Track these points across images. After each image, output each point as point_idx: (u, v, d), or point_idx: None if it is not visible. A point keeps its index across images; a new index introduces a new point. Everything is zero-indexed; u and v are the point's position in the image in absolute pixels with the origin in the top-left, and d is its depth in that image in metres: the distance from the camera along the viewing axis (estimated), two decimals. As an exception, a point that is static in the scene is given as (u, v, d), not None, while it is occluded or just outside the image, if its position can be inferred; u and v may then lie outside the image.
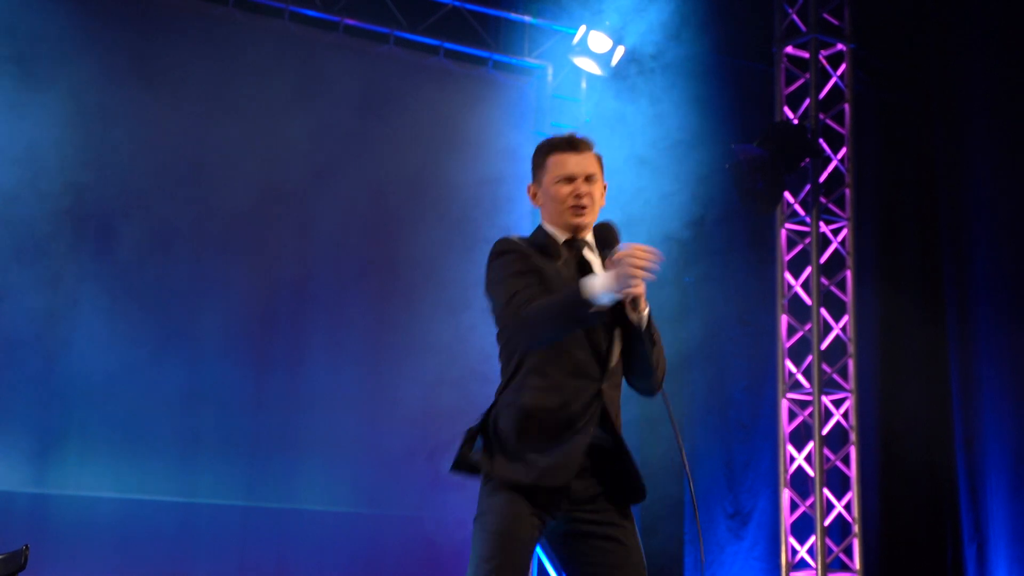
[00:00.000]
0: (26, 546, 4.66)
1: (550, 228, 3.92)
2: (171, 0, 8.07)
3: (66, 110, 7.49)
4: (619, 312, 3.73)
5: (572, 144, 3.90)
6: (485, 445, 3.76)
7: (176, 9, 8.07)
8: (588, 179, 3.86)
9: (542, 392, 3.73)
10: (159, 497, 7.51)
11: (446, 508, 8.23)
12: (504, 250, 3.88)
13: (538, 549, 3.89)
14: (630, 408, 9.36)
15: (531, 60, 9.25)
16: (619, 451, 3.80)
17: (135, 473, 7.49)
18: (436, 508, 8.09)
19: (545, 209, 3.93)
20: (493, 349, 3.96)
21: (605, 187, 3.94)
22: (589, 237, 3.91)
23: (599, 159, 3.93)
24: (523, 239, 3.91)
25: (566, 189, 3.84)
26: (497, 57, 9.11)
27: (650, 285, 3.62)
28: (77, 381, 7.36)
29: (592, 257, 3.88)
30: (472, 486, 3.79)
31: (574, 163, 3.86)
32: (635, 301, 3.66)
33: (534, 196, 3.98)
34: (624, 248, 3.59)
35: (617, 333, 3.79)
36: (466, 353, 8.07)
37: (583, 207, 3.84)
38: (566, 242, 3.88)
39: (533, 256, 3.82)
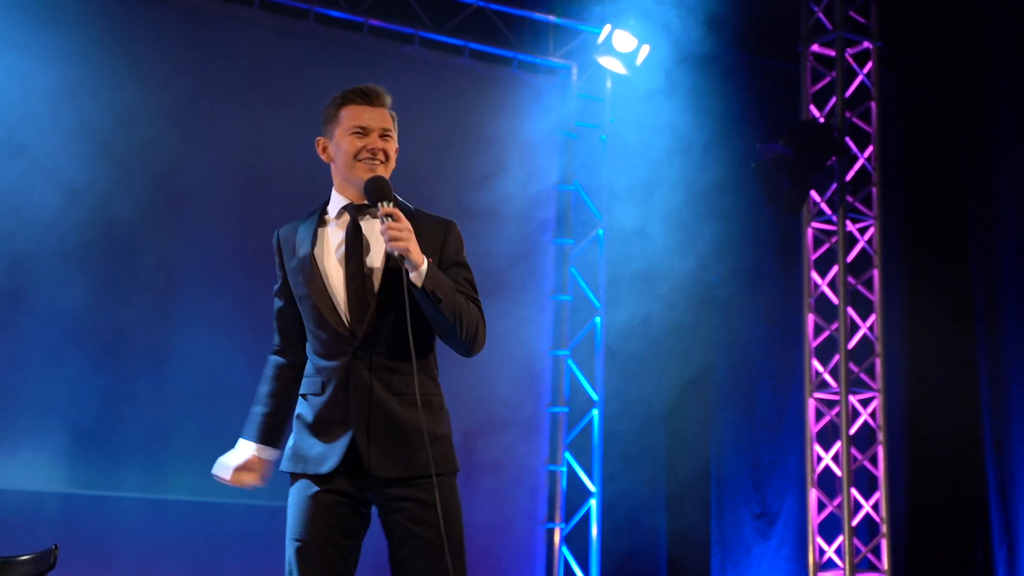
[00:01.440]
0: (55, 546, 4.68)
1: (333, 194, 3.72)
2: (196, 2, 8.09)
3: (94, 112, 7.53)
4: (388, 278, 3.56)
5: (368, 95, 3.71)
6: None
7: (201, 11, 8.09)
8: (383, 135, 3.68)
9: (308, 379, 3.64)
10: (187, 497, 7.53)
11: (472, 505, 8.23)
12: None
13: (564, 551, 3.81)
14: (655, 406, 9.24)
15: (556, 60, 9.24)
16: (393, 424, 3.53)
17: (163, 473, 7.51)
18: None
19: (335, 166, 3.71)
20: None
21: (397, 149, 3.76)
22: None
23: (394, 118, 3.75)
24: (292, 224, 3.76)
25: (359, 142, 3.64)
26: (522, 57, 9.11)
27: (676, 286, 3.59)
28: (106, 382, 7.39)
29: (368, 224, 3.65)
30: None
31: (369, 115, 3.68)
32: (407, 261, 3.44)
33: (323, 150, 3.75)
34: (389, 212, 3.45)
35: (374, 298, 3.55)
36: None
37: (376, 161, 3.64)
38: (345, 207, 3.67)
39: (281, 245, 3.72)
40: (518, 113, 8.99)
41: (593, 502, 8.74)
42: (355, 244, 3.61)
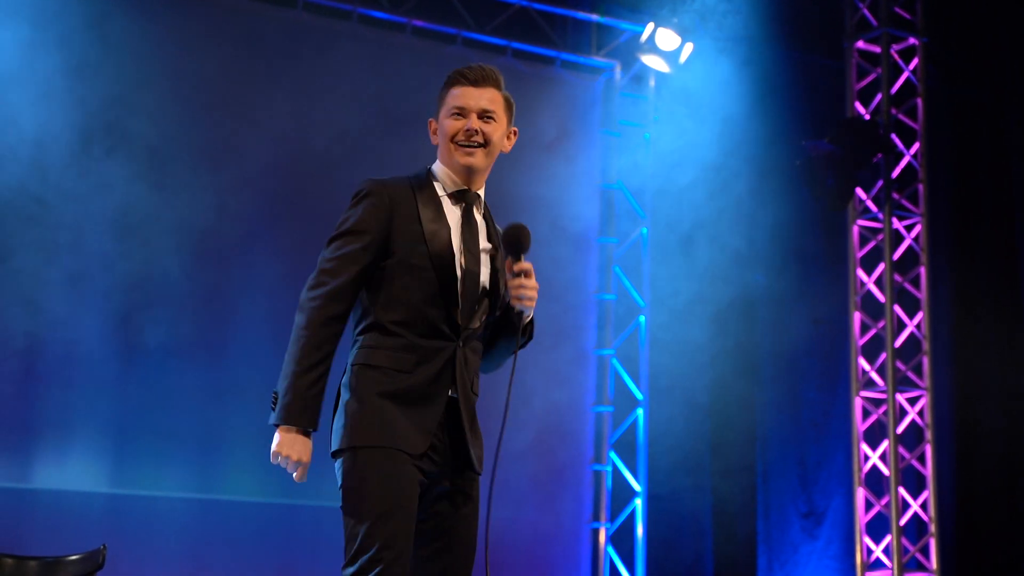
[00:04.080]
0: (103, 546, 4.72)
1: (439, 170, 3.58)
2: (239, 4, 8.13)
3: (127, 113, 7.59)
4: (495, 286, 3.54)
5: (472, 76, 3.58)
6: (343, 415, 3.41)
7: (244, 13, 8.13)
8: (483, 116, 3.54)
9: (397, 352, 3.40)
10: (235, 497, 7.57)
11: (517, 505, 8.23)
12: (362, 193, 3.54)
13: (610, 551, 3.79)
14: (700, 405, 9.17)
15: (599, 58, 9.23)
16: (467, 416, 3.48)
17: (211, 473, 7.56)
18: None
19: (439, 148, 3.59)
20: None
21: (514, 134, 3.66)
22: (481, 192, 3.60)
23: (506, 99, 3.62)
24: (400, 179, 3.56)
25: (456, 124, 3.52)
26: (565, 56, 9.10)
27: (720, 285, 3.57)
28: (153, 382, 7.44)
29: (480, 219, 3.57)
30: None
31: (469, 96, 3.55)
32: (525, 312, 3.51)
33: (433, 132, 3.62)
34: (526, 269, 3.44)
35: (486, 302, 3.53)
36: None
37: (471, 146, 3.51)
38: (454, 193, 3.55)
39: (393, 202, 3.48)
40: (561, 112, 8.99)
41: (638, 501, 8.72)
42: (470, 239, 3.51)
